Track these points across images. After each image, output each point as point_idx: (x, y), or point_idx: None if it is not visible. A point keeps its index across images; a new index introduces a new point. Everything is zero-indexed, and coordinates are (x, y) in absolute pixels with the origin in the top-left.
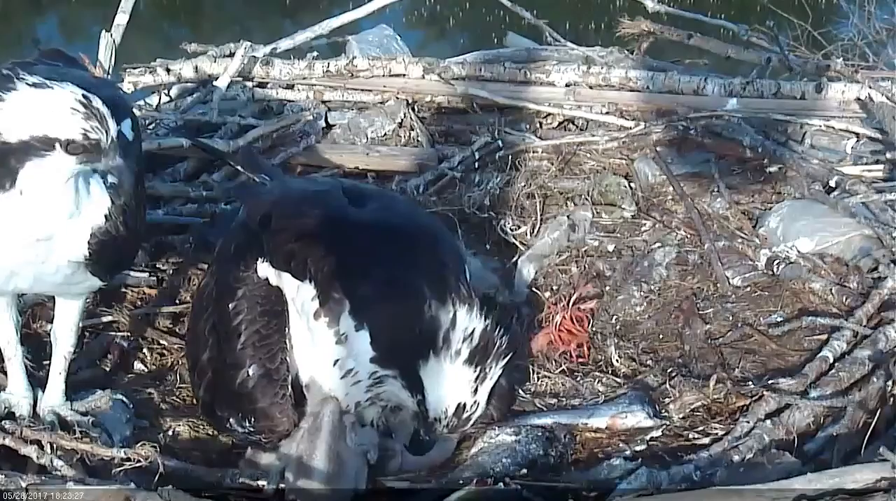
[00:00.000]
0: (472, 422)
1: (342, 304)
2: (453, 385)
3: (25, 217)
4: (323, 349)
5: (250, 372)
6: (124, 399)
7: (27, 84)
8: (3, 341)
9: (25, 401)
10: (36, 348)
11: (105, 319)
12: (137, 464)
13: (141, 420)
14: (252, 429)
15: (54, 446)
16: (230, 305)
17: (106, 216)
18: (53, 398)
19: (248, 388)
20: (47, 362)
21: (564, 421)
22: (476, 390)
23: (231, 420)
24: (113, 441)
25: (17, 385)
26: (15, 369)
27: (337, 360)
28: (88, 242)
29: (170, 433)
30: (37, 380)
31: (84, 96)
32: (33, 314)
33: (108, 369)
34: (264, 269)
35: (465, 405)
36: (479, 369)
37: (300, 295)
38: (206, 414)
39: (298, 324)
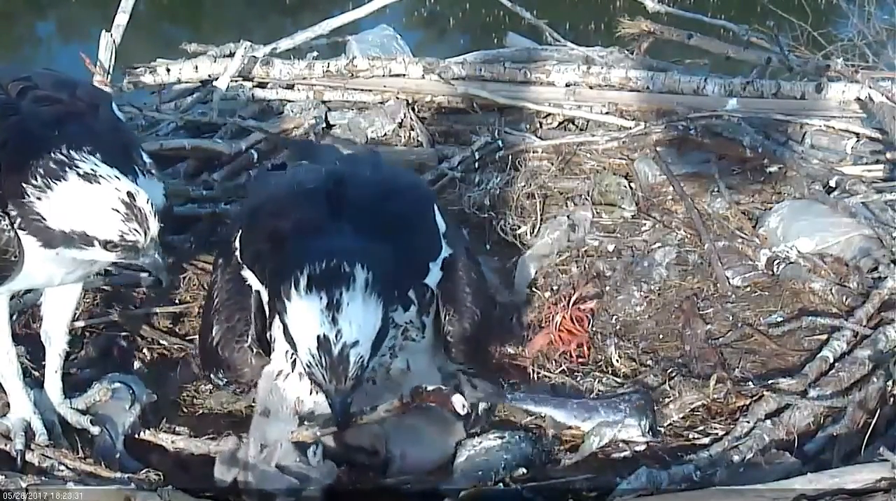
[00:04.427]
0: (354, 361)
1: (273, 310)
2: (304, 318)
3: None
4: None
5: (214, 332)
6: (121, 383)
7: (77, 174)
8: (3, 357)
9: (37, 419)
10: (36, 348)
11: (105, 319)
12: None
13: (151, 394)
14: (226, 380)
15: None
16: (213, 277)
17: (164, 195)
18: (52, 397)
19: (213, 345)
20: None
21: (558, 419)
22: (334, 319)
23: (211, 375)
24: (114, 438)
25: (23, 404)
26: (18, 387)
27: (279, 370)
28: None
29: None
30: (35, 380)
31: (129, 194)
32: (32, 314)
33: (108, 369)
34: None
35: (326, 337)
36: (326, 295)
37: (262, 293)
38: (203, 375)
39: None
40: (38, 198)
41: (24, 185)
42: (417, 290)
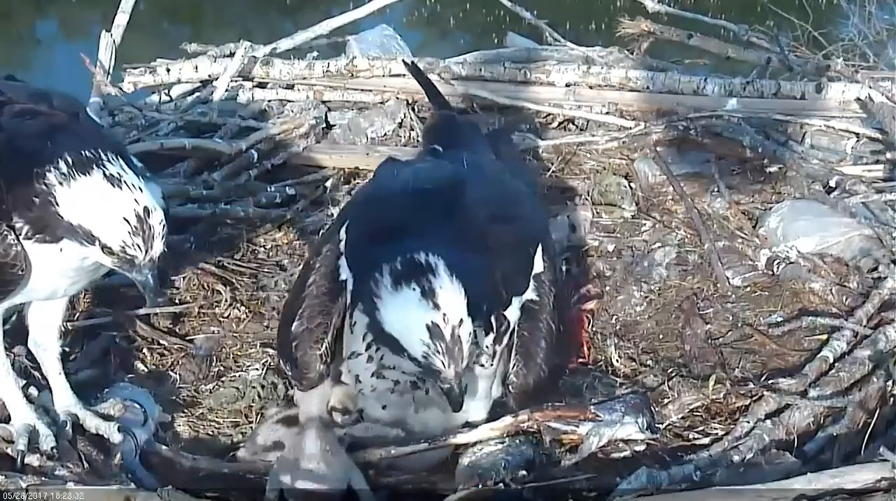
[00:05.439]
0: (466, 340)
1: (357, 300)
2: (405, 312)
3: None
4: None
5: (294, 328)
6: (136, 403)
7: (103, 174)
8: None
9: (40, 425)
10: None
11: (105, 319)
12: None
13: (164, 413)
14: (292, 374)
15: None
16: (312, 262)
17: (163, 196)
18: (65, 399)
19: (290, 340)
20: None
21: (553, 425)
22: (436, 305)
23: (281, 363)
24: (137, 442)
25: (23, 412)
26: (17, 396)
27: (349, 348)
28: None
29: (170, 433)
30: (35, 379)
31: (146, 208)
32: None
33: (108, 369)
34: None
35: (435, 323)
36: (417, 285)
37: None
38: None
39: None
40: (60, 184)
41: (51, 170)
42: (497, 318)
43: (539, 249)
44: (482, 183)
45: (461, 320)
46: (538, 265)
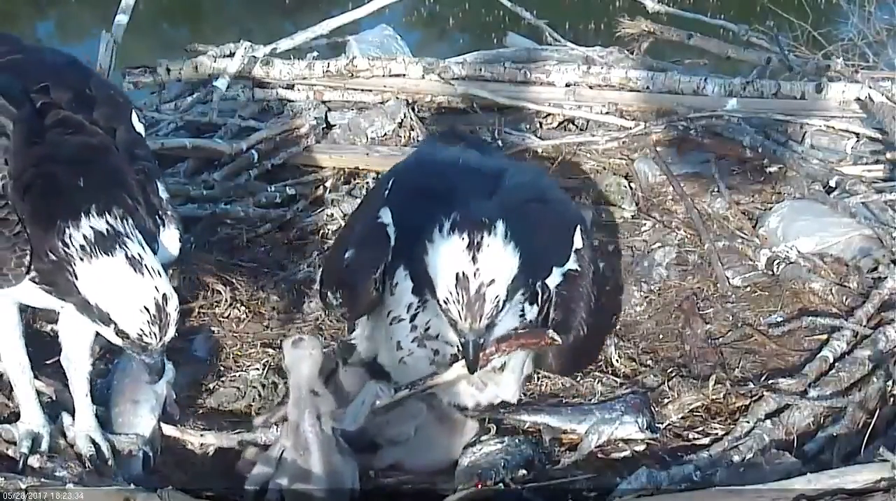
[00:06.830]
0: (490, 300)
1: (400, 261)
2: (445, 256)
3: None
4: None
5: (349, 255)
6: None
7: (125, 256)
8: (16, 367)
9: (45, 431)
10: (36, 348)
11: None
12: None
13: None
14: (341, 301)
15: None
16: (357, 211)
17: (179, 239)
18: (86, 422)
19: (344, 266)
20: (47, 361)
21: (553, 425)
22: (474, 258)
23: (329, 294)
24: (151, 457)
25: (34, 415)
26: (31, 397)
27: (389, 312)
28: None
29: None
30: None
31: (164, 296)
32: (33, 314)
33: (108, 369)
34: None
35: (465, 274)
36: (467, 235)
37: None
38: (320, 297)
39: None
40: (81, 259)
41: (72, 232)
42: (542, 289)
43: (578, 229)
44: (523, 171)
45: (493, 280)
46: (578, 241)
